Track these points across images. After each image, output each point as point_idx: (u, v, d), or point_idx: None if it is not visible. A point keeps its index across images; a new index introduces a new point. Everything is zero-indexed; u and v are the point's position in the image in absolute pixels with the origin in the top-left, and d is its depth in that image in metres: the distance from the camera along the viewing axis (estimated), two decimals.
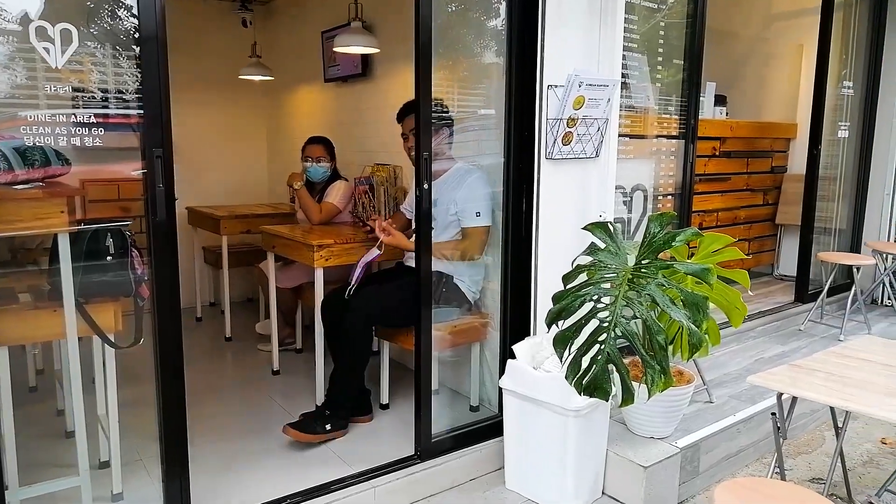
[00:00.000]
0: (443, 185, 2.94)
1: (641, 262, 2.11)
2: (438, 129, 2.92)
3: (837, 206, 4.93)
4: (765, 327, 4.22)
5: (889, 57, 4.68)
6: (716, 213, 4.86)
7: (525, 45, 2.62)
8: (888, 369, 2.09)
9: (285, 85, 5.03)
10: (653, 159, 3.63)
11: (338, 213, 3.69)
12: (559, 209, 2.72)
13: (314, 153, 3.74)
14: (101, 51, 1.91)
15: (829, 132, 4.57)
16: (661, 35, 3.49)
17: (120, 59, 1.92)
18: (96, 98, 1.91)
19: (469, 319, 2.99)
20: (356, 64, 3.97)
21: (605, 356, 2.01)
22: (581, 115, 2.63)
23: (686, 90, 3.54)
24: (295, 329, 4.04)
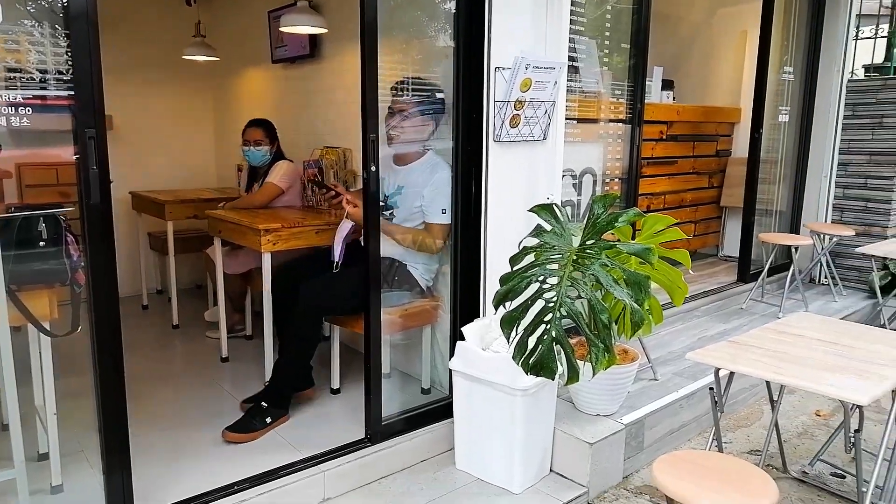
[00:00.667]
0: (411, 172, 2.91)
1: (586, 243, 2.14)
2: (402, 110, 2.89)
3: (778, 189, 5.09)
4: (708, 306, 4.35)
5: (827, 44, 4.83)
6: (663, 196, 4.96)
7: (472, 27, 2.62)
8: (820, 344, 2.17)
9: (232, 66, 4.90)
10: (601, 143, 3.68)
11: (280, 192, 3.61)
12: (508, 192, 2.74)
13: (252, 137, 3.66)
14: (33, 28, 1.83)
15: (771, 116, 4.71)
16: (608, 20, 3.52)
17: (52, 37, 1.85)
18: (27, 78, 1.83)
19: (420, 303, 2.99)
20: (304, 44, 3.90)
21: (551, 336, 2.04)
22: (528, 98, 2.64)
23: (632, 75, 3.59)
24: (244, 315, 3.98)
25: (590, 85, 3.55)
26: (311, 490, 2.36)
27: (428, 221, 2.86)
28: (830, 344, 2.18)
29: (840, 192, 4.98)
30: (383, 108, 2.74)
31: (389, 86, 2.81)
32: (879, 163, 4.76)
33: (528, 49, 2.63)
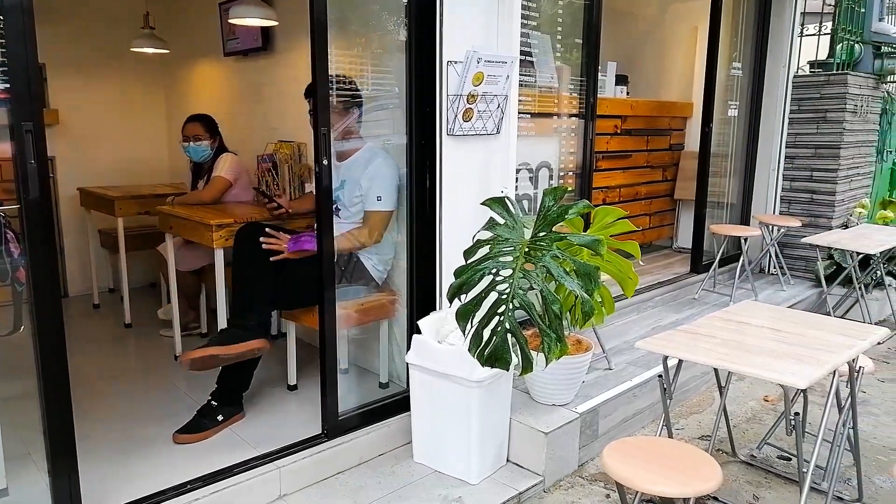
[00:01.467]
0: (351, 165, 2.91)
1: (538, 235, 2.16)
2: (349, 107, 2.88)
3: (729, 182, 5.22)
4: (663, 297, 4.44)
5: (774, 40, 4.96)
6: (618, 189, 5.04)
7: (424, 21, 2.61)
8: (764, 331, 2.24)
9: (183, 58, 4.80)
10: (557, 137, 3.72)
11: (228, 185, 3.56)
12: (462, 185, 2.75)
13: (192, 132, 3.61)
14: None
15: (721, 111, 4.83)
16: (561, 15, 3.56)
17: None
18: None
19: (377, 297, 2.99)
20: (256, 37, 3.84)
21: (505, 327, 2.06)
22: (481, 92, 2.65)
23: (585, 70, 3.63)
24: (199, 313, 3.92)
25: (545, 80, 3.59)
26: (266, 487, 2.34)
27: (366, 210, 2.86)
28: (774, 331, 2.25)
29: (787, 184, 5.14)
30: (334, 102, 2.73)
31: (339, 79, 2.79)
32: (824, 156, 4.92)
33: (480, 43, 2.64)
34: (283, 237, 2.81)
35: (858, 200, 5.27)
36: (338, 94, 2.84)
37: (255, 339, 2.67)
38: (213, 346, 2.59)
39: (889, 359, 4.11)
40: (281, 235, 2.81)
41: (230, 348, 2.61)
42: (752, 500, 2.52)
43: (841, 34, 4.93)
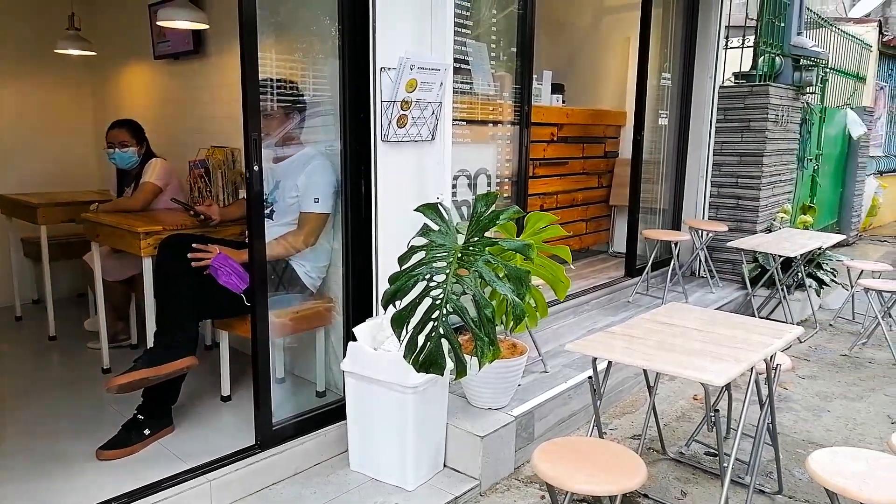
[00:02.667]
0: (289, 166, 2.88)
1: (470, 241, 2.18)
2: (288, 111, 2.84)
3: (661, 188, 5.39)
4: (599, 300, 4.54)
5: (700, 52, 5.17)
6: (556, 196, 5.14)
7: (357, 28, 2.61)
8: (689, 331, 2.33)
9: (112, 61, 4.65)
10: (494, 144, 3.77)
11: (158, 191, 3.46)
12: (397, 191, 2.75)
13: (117, 138, 3.49)
14: None
15: (652, 120, 4.98)
16: (495, 24, 3.61)
17: None
18: None
19: (312, 305, 2.95)
20: (187, 40, 3.75)
21: (439, 333, 2.07)
22: (415, 99, 2.67)
23: (520, 79, 3.70)
24: (128, 323, 3.79)
25: (481, 87, 3.63)
26: (197, 501, 2.28)
27: (302, 211, 2.82)
28: (698, 331, 2.33)
29: (715, 190, 5.34)
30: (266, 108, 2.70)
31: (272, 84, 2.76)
32: (748, 163, 5.15)
33: (414, 50, 2.66)
34: (212, 249, 2.73)
35: (781, 206, 5.53)
36: (277, 97, 2.81)
37: (183, 356, 2.60)
38: (141, 370, 2.51)
39: (809, 356, 4.32)
40: (210, 248, 2.74)
41: (158, 369, 2.53)
42: (679, 495, 2.61)
43: (763, 47, 5.17)
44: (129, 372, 2.50)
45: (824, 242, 4.59)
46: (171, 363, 2.55)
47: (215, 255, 2.69)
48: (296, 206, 2.84)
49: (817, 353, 4.39)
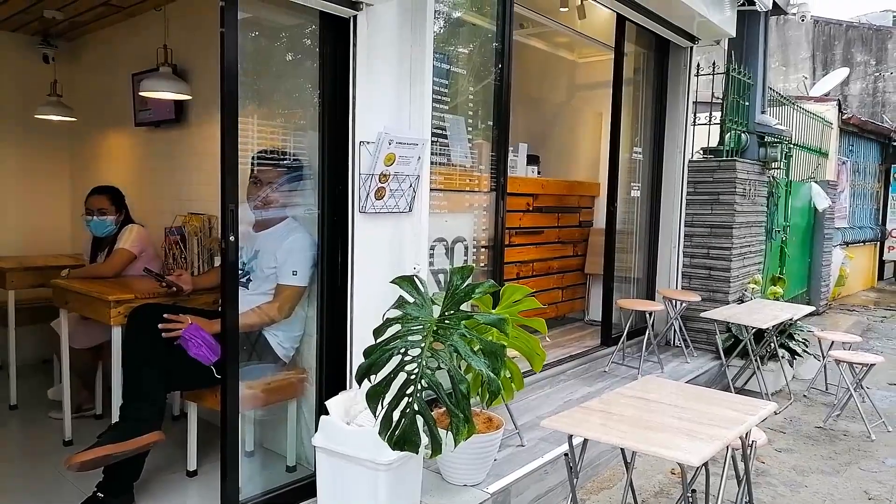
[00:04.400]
0: (269, 236, 2.87)
1: (446, 314, 2.18)
2: (268, 179, 2.86)
3: (635, 257, 5.48)
4: (575, 370, 4.53)
5: (670, 128, 5.36)
6: (532, 264, 5.19)
7: (338, 103, 2.68)
8: (665, 407, 2.32)
9: (91, 127, 4.68)
10: (472, 213, 3.81)
11: (132, 258, 3.42)
12: (374, 262, 2.76)
13: (96, 205, 3.48)
14: None
15: (624, 192, 5.11)
16: (472, 99, 3.73)
17: None
18: None
19: (284, 375, 2.90)
20: (169, 109, 3.80)
21: (414, 409, 2.05)
22: (393, 172, 2.71)
23: (496, 151, 3.78)
24: (94, 392, 3.67)
25: (458, 158, 3.71)
26: None
27: (279, 283, 2.80)
28: (673, 406, 2.33)
29: (687, 260, 5.44)
30: (246, 177, 2.72)
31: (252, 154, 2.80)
32: (718, 235, 5.27)
33: (392, 125, 2.73)
34: (183, 319, 2.69)
35: (752, 276, 5.63)
36: (257, 167, 2.84)
37: (149, 431, 2.52)
38: (105, 446, 2.42)
39: (785, 428, 4.31)
40: (182, 318, 2.70)
41: (122, 446, 2.45)
42: None
43: (729, 124, 5.38)
44: (91, 448, 2.41)
45: (795, 314, 4.66)
46: (135, 439, 2.47)
47: (187, 326, 2.65)
48: (273, 276, 2.83)
49: (793, 424, 4.38)
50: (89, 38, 4.68)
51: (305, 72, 2.91)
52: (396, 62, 2.82)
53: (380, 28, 2.73)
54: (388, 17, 2.76)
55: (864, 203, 10.56)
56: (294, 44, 3.02)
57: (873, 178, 10.88)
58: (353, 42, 2.65)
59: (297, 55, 3.03)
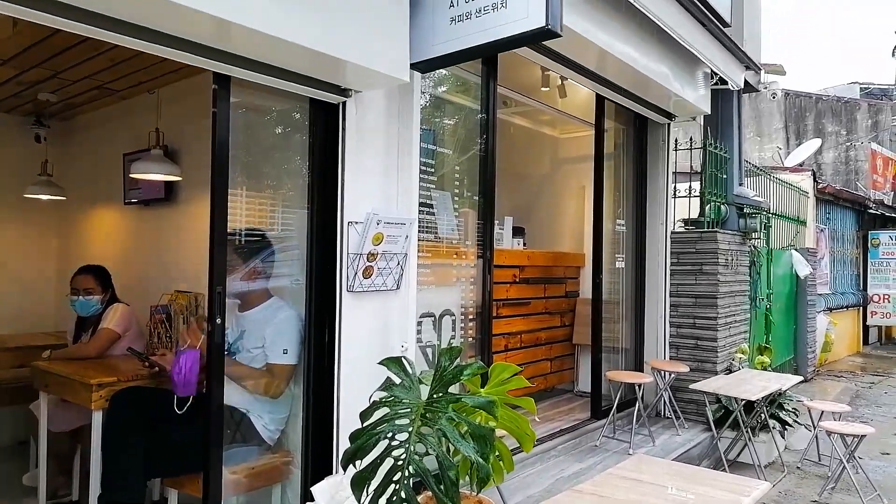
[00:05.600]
0: (255, 316, 2.86)
1: (433, 397, 2.16)
2: (253, 258, 2.88)
3: (622, 327, 5.49)
4: (565, 445, 4.45)
5: (651, 201, 5.48)
6: (519, 335, 5.18)
7: (327, 183, 2.73)
8: (656, 489, 2.28)
9: (81, 205, 4.72)
10: (459, 286, 3.83)
11: (116, 338, 3.38)
12: (362, 341, 2.75)
13: (83, 285, 3.47)
14: None
15: (609, 262, 5.17)
16: (458, 174, 3.81)
17: None
18: None
19: (269, 459, 2.83)
20: (159, 188, 3.85)
21: (401, 497, 2.00)
22: (381, 251, 2.74)
23: (482, 224, 3.84)
24: (71, 477, 3.55)
25: (445, 233, 3.76)
26: None
27: (269, 362, 2.79)
28: (665, 488, 2.29)
29: (674, 330, 5.45)
30: (234, 256, 2.73)
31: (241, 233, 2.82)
32: (704, 305, 5.31)
33: (380, 205, 2.77)
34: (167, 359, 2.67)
35: (738, 345, 5.64)
36: (246, 247, 2.85)
37: None
38: None
39: (781, 502, 4.24)
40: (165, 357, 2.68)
41: None
42: None
43: (708, 196, 5.52)
44: None
45: (783, 384, 4.66)
46: None
47: (193, 348, 2.62)
48: (260, 356, 2.81)
49: (788, 499, 4.31)
50: (82, 118, 4.78)
51: (295, 153, 2.98)
52: (384, 144, 2.90)
53: (368, 112, 2.81)
54: (376, 102, 2.85)
55: (844, 269, 10.73)
56: (284, 126, 3.10)
57: (852, 244, 11.10)
58: (342, 126, 2.73)
59: (287, 137, 3.11)
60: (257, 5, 2.08)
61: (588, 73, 4.18)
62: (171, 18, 2.02)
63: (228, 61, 2.28)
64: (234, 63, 2.29)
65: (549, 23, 2.28)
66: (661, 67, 4.42)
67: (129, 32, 2.02)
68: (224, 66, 2.29)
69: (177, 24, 2.07)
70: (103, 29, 1.97)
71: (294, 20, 2.18)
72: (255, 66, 2.35)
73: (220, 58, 2.26)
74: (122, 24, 1.99)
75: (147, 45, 2.09)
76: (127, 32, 2.02)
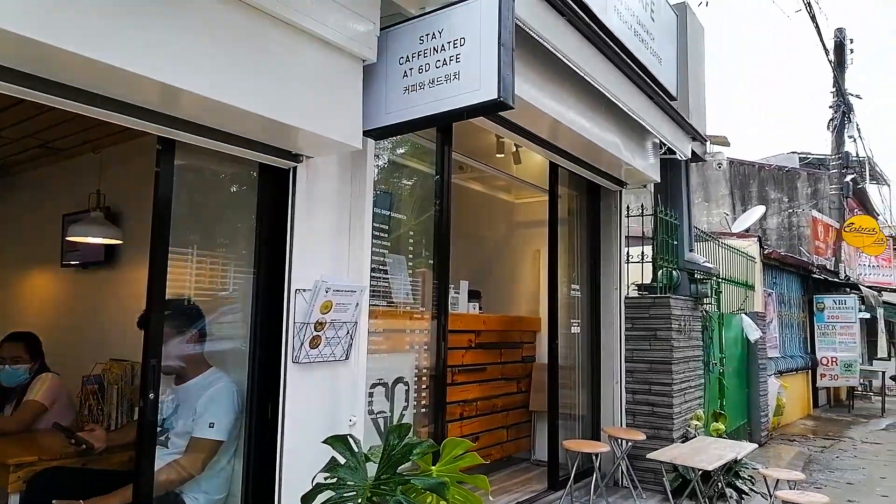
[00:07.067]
0: (190, 388, 2.70)
1: (381, 478, 2.05)
2: (189, 329, 2.74)
3: (578, 394, 5.42)
4: None
5: (605, 266, 5.53)
6: (475, 403, 5.05)
7: (274, 248, 2.65)
8: None
9: (14, 266, 4.49)
10: (413, 352, 3.73)
11: (43, 410, 3.14)
12: (307, 415, 2.61)
13: (9, 353, 3.26)
14: None
15: (565, 327, 5.14)
16: (413, 237, 3.77)
17: None
18: None
19: None
20: (99, 251, 3.69)
21: None
22: (329, 319, 2.64)
23: (436, 289, 3.77)
24: None
25: (399, 297, 3.68)
26: None
27: (193, 435, 2.59)
28: None
29: (630, 396, 5.41)
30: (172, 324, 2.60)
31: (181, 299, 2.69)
32: (658, 371, 5.30)
33: (330, 272, 2.69)
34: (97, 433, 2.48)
35: (694, 411, 5.62)
36: (185, 315, 2.72)
37: None
38: None
39: None
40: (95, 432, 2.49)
41: None
42: None
43: (660, 262, 5.59)
44: None
45: (739, 452, 4.63)
46: None
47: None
48: None
49: None
50: (23, 177, 4.61)
51: (242, 216, 2.89)
52: (336, 209, 2.84)
53: (320, 177, 2.76)
54: (328, 167, 2.81)
55: (792, 332, 10.97)
56: (232, 189, 3.02)
57: (798, 308, 11.40)
58: (293, 190, 2.66)
59: (234, 200, 3.03)
60: (205, 71, 2.03)
61: (541, 141, 4.25)
62: (115, 83, 1.95)
63: (173, 125, 2.21)
64: (179, 127, 2.23)
65: (501, 95, 2.30)
66: (612, 137, 4.53)
67: (68, 95, 1.94)
68: (168, 130, 2.22)
69: (120, 89, 2.00)
70: (40, 92, 1.89)
71: (244, 86, 2.14)
72: (201, 130, 2.29)
73: (165, 122, 2.19)
74: (59, 86, 1.92)
75: (87, 108, 2.01)
76: (66, 96, 1.94)
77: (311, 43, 2.38)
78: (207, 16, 2.06)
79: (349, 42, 2.51)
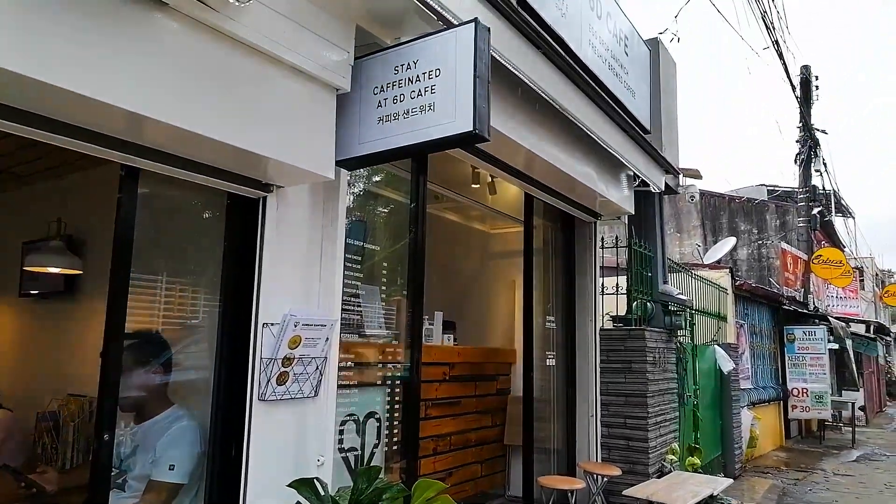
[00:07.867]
0: (150, 428, 2.56)
1: None
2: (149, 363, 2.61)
3: (553, 427, 5.35)
4: None
5: (580, 297, 5.51)
6: (449, 437, 4.94)
7: (242, 280, 2.56)
8: None
9: None
10: (385, 386, 3.63)
11: None
12: (273, 455, 2.50)
13: None
14: None
15: (540, 358, 5.09)
16: (386, 268, 3.70)
17: None
18: None
19: None
20: (59, 281, 3.55)
21: None
22: (298, 355, 2.55)
23: (410, 320, 3.70)
24: None
25: (371, 330, 3.59)
26: None
27: (152, 478, 2.44)
28: None
29: (606, 430, 5.35)
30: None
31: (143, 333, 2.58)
32: (634, 404, 5.25)
33: (300, 306, 2.61)
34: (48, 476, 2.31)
35: (669, 444, 5.58)
36: (145, 350, 2.61)
37: None
38: None
39: None
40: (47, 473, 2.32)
41: None
42: None
43: (635, 294, 5.59)
44: None
45: (715, 488, 4.59)
46: None
47: None
48: None
49: None
50: None
51: (209, 247, 2.80)
52: (307, 240, 2.76)
53: (290, 207, 2.69)
54: (299, 197, 2.74)
55: (764, 363, 11.05)
56: (198, 218, 2.93)
57: (769, 339, 11.50)
58: (262, 221, 2.59)
59: (201, 230, 2.93)
60: (171, 99, 1.97)
61: (516, 172, 4.24)
62: (79, 111, 1.87)
63: (138, 153, 2.13)
64: (144, 155, 2.15)
65: (476, 127, 2.27)
66: (587, 169, 4.54)
67: (31, 123, 1.86)
68: (133, 159, 2.14)
69: (83, 117, 1.93)
70: None
71: (211, 114, 2.08)
72: (167, 158, 2.21)
73: (129, 150, 2.11)
74: (19, 113, 1.83)
75: (49, 135, 1.93)
76: (27, 123, 1.86)
77: (282, 71, 2.33)
78: (176, 43, 2.00)
79: (322, 71, 2.46)
